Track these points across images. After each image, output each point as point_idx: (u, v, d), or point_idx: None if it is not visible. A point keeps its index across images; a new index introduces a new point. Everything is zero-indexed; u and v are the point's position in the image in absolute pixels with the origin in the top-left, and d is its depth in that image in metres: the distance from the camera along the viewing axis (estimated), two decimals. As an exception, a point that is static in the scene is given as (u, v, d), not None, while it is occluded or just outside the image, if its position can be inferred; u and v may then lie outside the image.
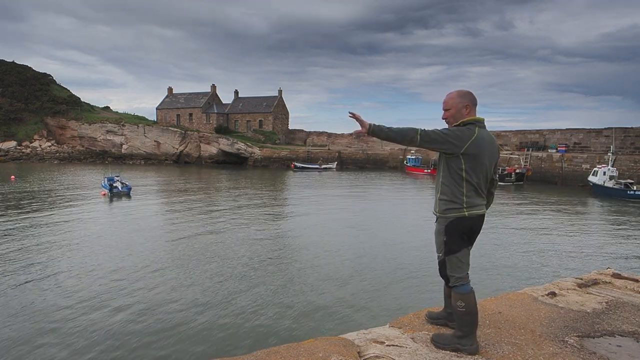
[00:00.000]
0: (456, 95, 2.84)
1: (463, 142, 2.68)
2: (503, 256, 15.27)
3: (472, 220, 2.77)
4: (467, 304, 2.73)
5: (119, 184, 29.77)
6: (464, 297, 2.74)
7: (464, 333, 2.75)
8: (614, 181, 34.49)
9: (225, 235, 18.17)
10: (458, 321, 2.80)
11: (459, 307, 2.75)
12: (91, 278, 12.38)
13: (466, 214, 2.74)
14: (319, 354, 2.62)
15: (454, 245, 2.78)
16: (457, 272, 2.79)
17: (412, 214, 24.99)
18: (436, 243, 2.89)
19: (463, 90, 2.88)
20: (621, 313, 3.50)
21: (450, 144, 2.69)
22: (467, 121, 2.77)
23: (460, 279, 2.79)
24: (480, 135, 2.72)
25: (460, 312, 2.75)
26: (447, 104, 2.86)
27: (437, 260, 2.92)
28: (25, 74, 70.28)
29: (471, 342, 2.74)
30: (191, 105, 73.79)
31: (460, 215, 2.74)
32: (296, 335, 8.72)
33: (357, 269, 13.55)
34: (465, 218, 2.75)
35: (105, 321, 9.53)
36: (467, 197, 2.75)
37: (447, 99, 2.88)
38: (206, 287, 11.81)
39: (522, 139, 51.92)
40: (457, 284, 2.79)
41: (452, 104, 2.84)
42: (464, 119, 2.78)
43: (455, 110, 2.82)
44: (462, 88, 2.93)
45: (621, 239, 18.91)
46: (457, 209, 2.75)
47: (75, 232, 18.20)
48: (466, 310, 2.73)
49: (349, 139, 69.41)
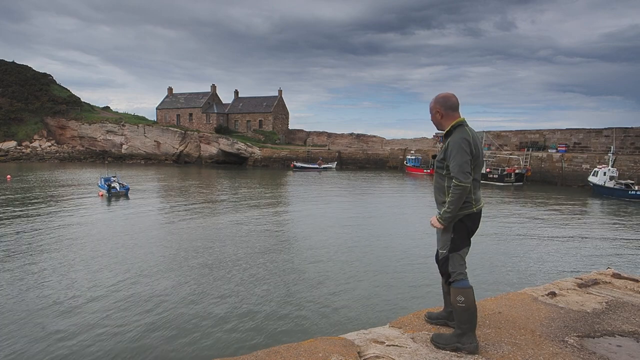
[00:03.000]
0: (432, 101, 3.01)
1: (470, 144, 2.82)
2: (503, 256, 15.27)
3: (479, 215, 2.93)
4: (467, 299, 2.77)
5: (116, 184, 29.66)
6: (463, 292, 2.78)
7: (463, 331, 2.77)
8: (614, 181, 34.49)
9: (224, 235, 18.16)
10: (457, 318, 2.81)
11: (458, 302, 2.78)
12: (90, 278, 12.38)
13: (474, 210, 2.88)
14: (319, 354, 2.62)
15: (460, 242, 2.88)
16: (458, 269, 2.87)
17: (412, 214, 24.98)
18: (441, 240, 2.97)
19: (440, 95, 3.00)
20: (621, 313, 3.50)
21: (469, 152, 2.80)
22: (457, 123, 2.89)
23: (460, 274, 2.86)
24: (472, 133, 2.88)
25: (460, 308, 2.78)
26: (429, 109, 3.05)
27: (439, 257, 3.00)
28: (25, 74, 70.31)
29: (470, 341, 2.75)
30: (191, 105, 73.78)
31: (470, 212, 2.87)
32: (296, 335, 8.72)
33: (357, 269, 13.55)
34: (474, 214, 2.89)
35: (105, 321, 9.53)
36: (474, 193, 2.88)
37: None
38: (205, 287, 11.81)
39: (522, 139, 51.91)
40: (457, 278, 2.85)
41: (430, 109, 3.03)
42: (453, 122, 2.91)
43: (431, 115, 3.03)
44: (446, 91, 3.03)
45: (621, 239, 18.91)
46: (466, 207, 2.86)
47: (74, 232, 18.19)
48: (466, 305, 2.76)
49: (348, 139, 69.41)
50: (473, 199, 2.86)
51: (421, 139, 64.45)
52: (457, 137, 2.82)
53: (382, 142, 67.75)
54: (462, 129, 2.86)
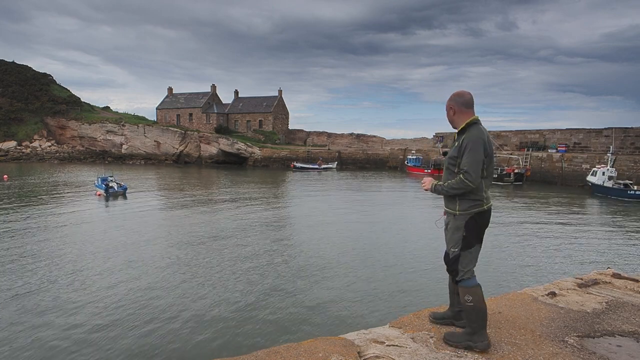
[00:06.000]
0: (448, 99, 3.01)
1: (485, 143, 2.82)
2: (503, 256, 15.27)
3: (489, 212, 2.94)
4: (475, 297, 2.77)
5: (114, 184, 29.62)
6: (471, 291, 2.79)
7: (473, 329, 2.78)
8: (612, 181, 34.48)
9: (224, 235, 18.15)
10: (467, 317, 2.82)
11: (467, 301, 2.79)
12: (89, 278, 12.38)
13: (485, 207, 2.88)
14: (319, 354, 2.62)
15: (472, 240, 2.88)
16: (467, 267, 2.87)
17: (413, 214, 24.98)
18: (451, 239, 2.94)
19: (455, 92, 3.00)
20: (621, 313, 3.50)
21: (483, 152, 2.80)
22: (472, 121, 2.88)
23: (468, 272, 2.86)
24: (485, 132, 2.87)
25: (469, 307, 2.78)
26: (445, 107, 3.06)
27: (450, 256, 2.96)
28: (25, 74, 70.30)
29: (482, 339, 2.77)
30: (191, 105, 73.77)
31: (481, 210, 2.86)
32: (296, 335, 8.71)
33: (358, 269, 13.54)
34: (485, 212, 2.89)
35: (102, 320, 9.53)
36: (485, 192, 2.89)
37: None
38: (204, 287, 11.80)
39: (522, 139, 51.89)
40: (465, 277, 2.85)
41: (446, 106, 3.03)
42: (467, 119, 2.90)
43: (446, 112, 3.03)
44: (461, 89, 3.05)
45: (621, 239, 18.90)
46: (478, 205, 2.85)
47: (74, 232, 18.18)
48: (474, 304, 2.77)
49: (348, 139, 69.41)
50: (484, 197, 2.87)
51: (421, 139, 64.40)
52: (474, 136, 2.80)
53: (382, 142, 67.74)
54: (477, 128, 2.84)
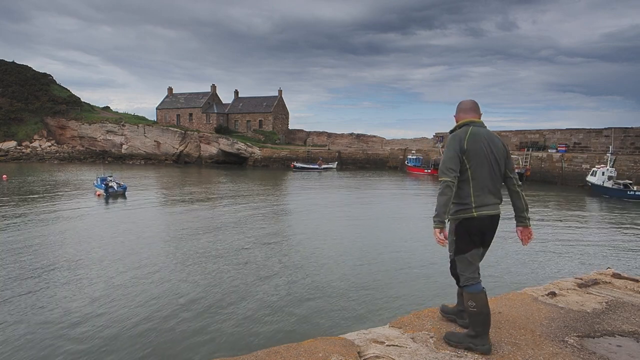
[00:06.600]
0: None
1: (462, 140, 2.81)
2: (503, 256, 15.26)
3: (482, 221, 2.81)
4: (478, 304, 2.76)
5: (114, 184, 29.59)
6: (474, 297, 2.78)
7: (476, 333, 2.78)
8: (612, 181, 34.48)
9: (223, 235, 18.15)
10: (470, 321, 2.82)
11: (470, 307, 2.79)
12: (88, 278, 12.38)
13: (475, 214, 2.79)
14: (319, 354, 2.62)
15: (464, 246, 2.84)
16: (467, 272, 2.84)
17: (413, 214, 24.97)
18: (449, 243, 2.93)
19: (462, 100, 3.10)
20: (621, 313, 3.50)
21: (458, 149, 2.80)
22: (461, 123, 2.95)
23: (470, 278, 2.83)
24: (474, 132, 2.85)
25: (472, 312, 2.78)
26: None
27: (449, 260, 3.00)
28: (25, 74, 70.28)
29: (483, 342, 2.77)
30: (191, 105, 73.76)
31: (469, 216, 2.80)
32: (296, 335, 8.71)
33: (357, 269, 13.54)
34: (474, 219, 2.80)
35: (102, 320, 9.53)
36: (476, 196, 2.80)
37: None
38: (204, 288, 11.80)
39: (522, 139, 51.91)
40: (467, 283, 2.83)
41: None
42: (461, 121, 2.99)
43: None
44: (461, 89, 3.12)
45: (621, 239, 18.90)
46: (465, 210, 2.80)
47: (71, 233, 18.19)
48: (477, 310, 2.76)
49: (348, 139, 69.41)
50: (473, 202, 2.78)
51: (421, 139, 64.38)
52: (452, 134, 2.91)
53: (382, 142, 67.73)
54: (465, 129, 2.87)
